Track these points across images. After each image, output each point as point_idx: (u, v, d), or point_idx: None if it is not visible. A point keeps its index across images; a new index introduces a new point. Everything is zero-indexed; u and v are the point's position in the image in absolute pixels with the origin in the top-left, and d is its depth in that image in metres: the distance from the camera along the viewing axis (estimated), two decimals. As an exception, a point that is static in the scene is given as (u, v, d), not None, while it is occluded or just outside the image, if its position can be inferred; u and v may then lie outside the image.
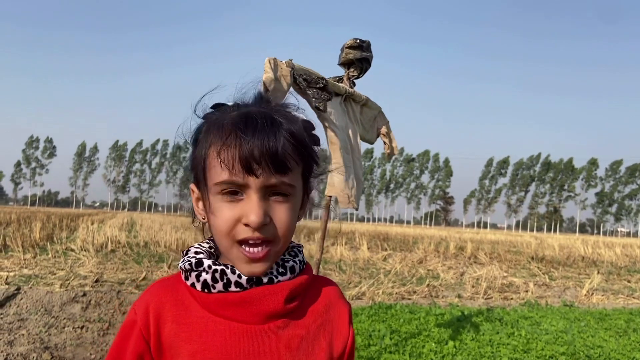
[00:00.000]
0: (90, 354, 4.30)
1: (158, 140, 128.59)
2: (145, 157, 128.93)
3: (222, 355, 0.85)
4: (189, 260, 0.89)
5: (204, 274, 0.87)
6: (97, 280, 7.77)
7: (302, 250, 0.96)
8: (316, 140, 0.92)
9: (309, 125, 0.90)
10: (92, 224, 21.04)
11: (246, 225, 0.83)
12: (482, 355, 4.52)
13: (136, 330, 0.87)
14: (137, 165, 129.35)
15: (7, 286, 6.82)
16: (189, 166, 0.95)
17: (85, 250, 11.21)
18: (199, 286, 0.87)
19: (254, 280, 0.86)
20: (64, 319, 5.44)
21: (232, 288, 0.86)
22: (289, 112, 0.89)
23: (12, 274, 7.92)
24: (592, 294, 9.40)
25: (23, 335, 4.72)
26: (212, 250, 0.94)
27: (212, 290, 0.86)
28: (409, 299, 8.05)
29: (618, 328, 6.20)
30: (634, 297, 9.50)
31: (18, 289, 6.62)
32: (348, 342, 0.95)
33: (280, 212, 0.85)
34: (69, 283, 7.36)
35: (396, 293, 8.34)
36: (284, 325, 0.88)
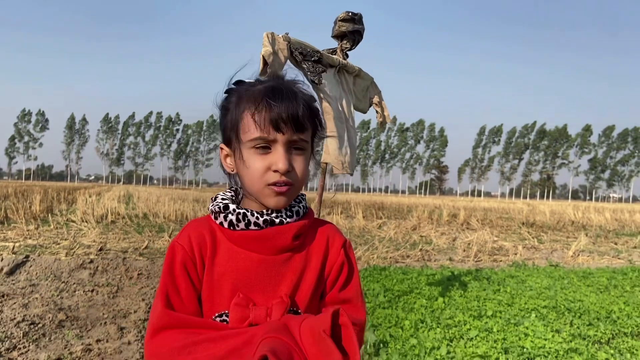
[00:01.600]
0: (103, 314, 4.58)
1: (151, 113, 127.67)
2: (139, 130, 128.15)
3: (243, 277, 1.11)
4: (218, 205, 1.14)
5: (230, 215, 1.12)
6: (101, 249, 8.03)
7: (304, 198, 1.22)
8: (318, 110, 1.18)
9: (312, 98, 1.17)
10: (90, 196, 21.24)
11: (275, 171, 1.08)
12: (469, 309, 4.83)
13: (181, 251, 1.12)
14: (131, 138, 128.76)
15: (14, 255, 7.07)
16: (219, 129, 1.20)
17: (86, 222, 11.46)
18: (226, 224, 1.13)
19: (269, 221, 1.11)
20: (74, 284, 5.71)
21: (252, 227, 1.11)
22: (301, 86, 1.16)
23: (17, 244, 8.17)
24: (579, 255, 9.77)
25: (37, 298, 5.00)
26: (234, 197, 1.20)
27: (237, 228, 1.12)
28: (403, 262, 8.38)
29: (600, 285, 6.54)
30: (619, 258, 9.87)
31: (27, 257, 6.88)
32: (336, 262, 1.18)
33: (299, 162, 1.11)
34: (74, 252, 7.62)
35: (390, 257, 8.67)
36: (290, 257, 1.14)
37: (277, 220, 1.12)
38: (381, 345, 3.80)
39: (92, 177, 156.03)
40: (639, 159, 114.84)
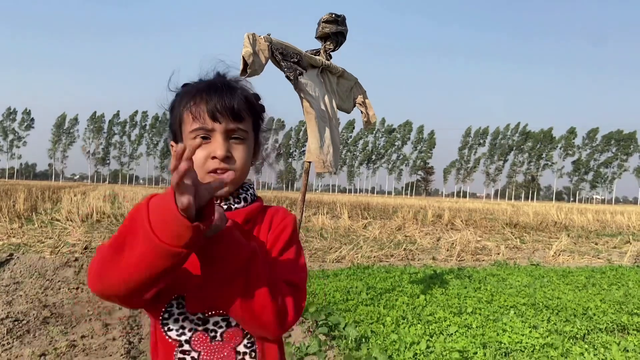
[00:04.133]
0: (88, 311, 4.60)
1: (137, 112, 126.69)
2: (125, 129, 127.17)
3: (197, 262, 1.09)
4: None
5: None
6: (86, 248, 8.02)
7: (252, 186, 1.28)
8: (262, 107, 1.27)
9: (256, 96, 1.25)
10: (75, 195, 21.07)
11: (214, 158, 1.14)
12: (449, 306, 4.94)
13: None
14: (117, 137, 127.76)
15: (-2, 254, 7.04)
16: (168, 128, 1.27)
17: (70, 221, 11.40)
18: None
19: None
20: (58, 281, 5.72)
21: None
22: (242, 83, 1.23)
23: (1, 242, 8.12)
24: (559, 254, 9.94)
25: (21, 296, 5.00)
26: None
27: None
28: (387, 261, 8.48)
29: (578, 283, 6.69)
30: (599, 258, 10.07)
31: (11, 255, 6.85)
32: (277, 228, 1.20)
33: (238, 151, 1.18)
34: (59, 250, 7.60)
35: (374, 256, 8.77)
36: None
37: (225, 207, 1.17)
38: (363, 340, 3.88)
39: (77, 177, 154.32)
40: (621, 161, 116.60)
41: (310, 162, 3.99)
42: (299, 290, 1.15)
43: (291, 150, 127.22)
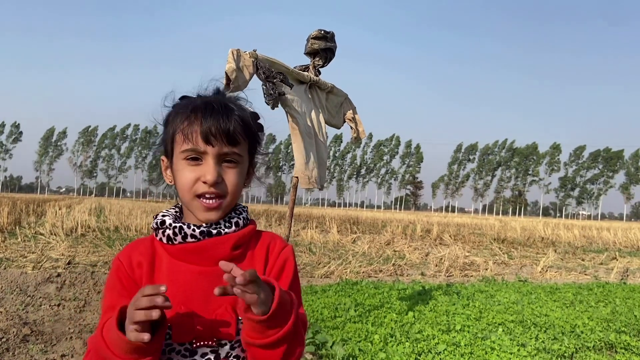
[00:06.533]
0: (69, 328, 4.49)
1: (129, 125, 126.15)
2: (114, 142, 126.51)
3: (185, 289, 1.11)
4: (157, 221, 1.17)
5: (167, 230, 1.14)
6: (69, 263, 7.88)
7: (246, 210, 1.24)
8: (260, 127, 1.23)
9: (255, 115, 1.22)
10: (60, 209, 20.78)
11: (204, 182, 1.11)
12: (438, 323, 4.90)
13: (121, 267, 1.15)
14: (106, 150, 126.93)
15: (-21, 268, 6.88)
16: (160, 142, 1.23)
17: (54, 235, 11.21)
18: (164, 240, 1.14)
19: (206, 233, 1.13)
20: (40, 297, 5.59)
21: (189, 240, 1.12)
22: (240, 103, 1.20)
23: (-18, 257, 7.95)
24: (547, 270, 9.97)
25: (1, 312, 4.87)
26: (177, 213, 1.22)
27: (174, 242, 1.13)
28: (375, 277, 8.43)
29: (566, 300, 6.69)
30: (585, 274, 10.11)
31: (-9, 270, 6.70)
32: (275, 265, 1.17)
33: (230, 175, 1.14)
34: (41, 265, 7.46)
35: (363, 272, 8.72)
36: None
37: (215, 231, 1.13)
38: (350, 359, 3.82)
39: (63, 190, 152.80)
40: (607, 178, 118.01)
41: (297, 177, 3.96)
42: (304, 327, 1.14)
43: (280, 164, 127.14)
